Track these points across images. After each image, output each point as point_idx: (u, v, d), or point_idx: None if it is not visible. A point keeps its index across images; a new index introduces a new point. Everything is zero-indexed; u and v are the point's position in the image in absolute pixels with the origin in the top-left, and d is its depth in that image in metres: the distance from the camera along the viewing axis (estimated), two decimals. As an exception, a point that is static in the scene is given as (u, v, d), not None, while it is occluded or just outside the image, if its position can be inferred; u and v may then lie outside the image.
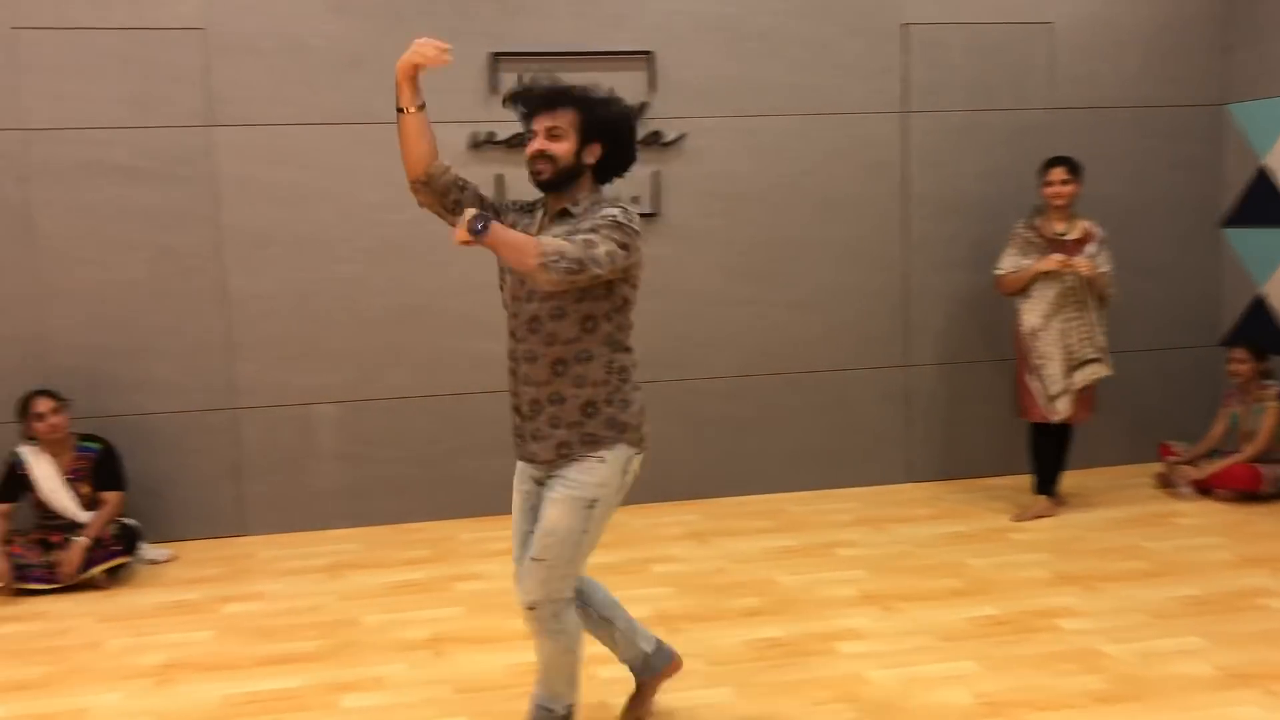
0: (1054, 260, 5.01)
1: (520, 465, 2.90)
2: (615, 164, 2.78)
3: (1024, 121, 5.81)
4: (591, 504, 2.76)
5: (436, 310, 5.38)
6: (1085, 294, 5.07)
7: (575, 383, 2.73)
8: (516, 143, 5.31)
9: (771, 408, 5.75)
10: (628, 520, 5.31)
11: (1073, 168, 5.11)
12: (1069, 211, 5.18)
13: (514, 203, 2.93)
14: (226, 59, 5.09)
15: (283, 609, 4.28)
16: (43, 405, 4.69)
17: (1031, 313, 5.13)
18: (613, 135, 2.73)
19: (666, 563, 4.70)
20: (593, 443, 2.76)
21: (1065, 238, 5.13)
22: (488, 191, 2.92)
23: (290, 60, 5.15)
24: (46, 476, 4.69)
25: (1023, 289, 5.17)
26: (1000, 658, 3.60)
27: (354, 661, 3.74)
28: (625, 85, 5.33)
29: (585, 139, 2.69)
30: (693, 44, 5.49)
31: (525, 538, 2.86)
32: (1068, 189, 5.09)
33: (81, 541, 4.54)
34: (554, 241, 2.54)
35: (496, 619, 4.06)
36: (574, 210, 2.72)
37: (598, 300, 2.70)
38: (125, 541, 4.71)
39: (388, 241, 5.31)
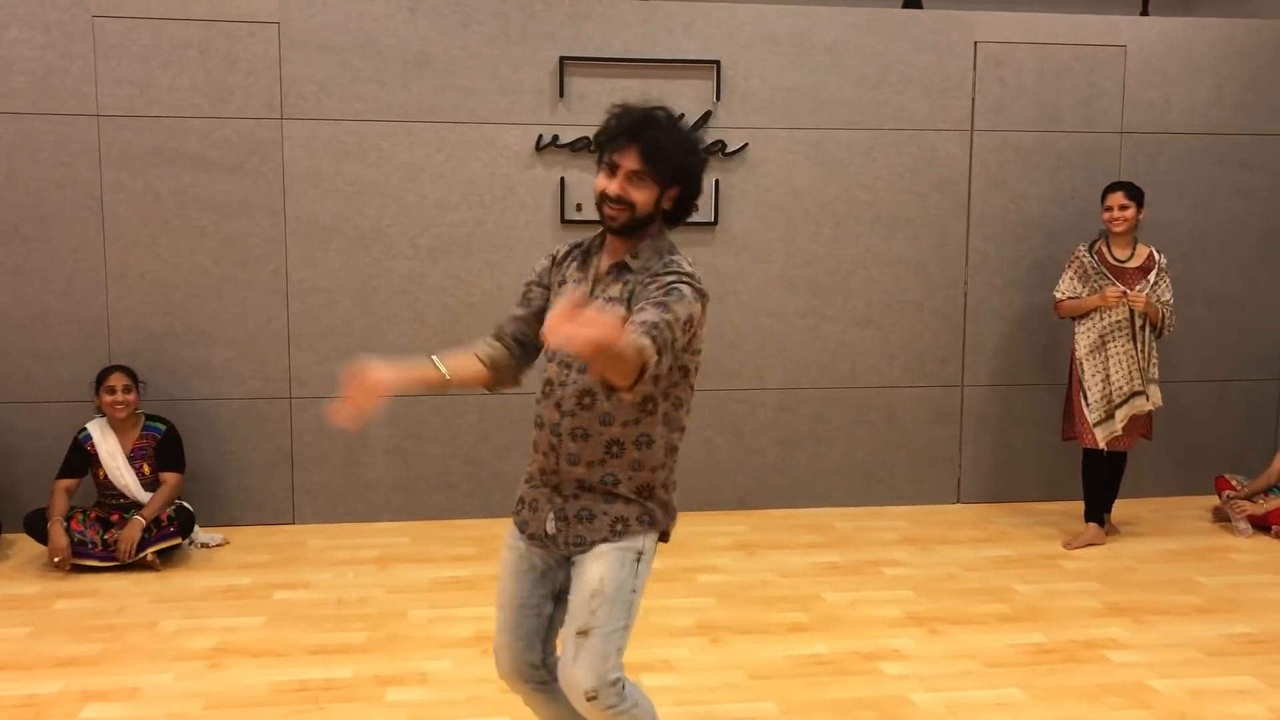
0: (1112, 296, 4.94)
1: (518, 520, 2.53)
2: (686, 208, 2.42)
3: (1092, 145, 5.74)
4: (639, 556, 2.40)
5: (491, 309, 5.40)
6: (1140, 325, 5.00)
7: (633, 466, 2.39)
8: (580, 146, 5.36)
9: (822, 422, 5.73)
10: (675, 529, 5.31)
11: (1133, 193, 5.04)
12: (1130, 237, 5.10)
13: (552, 261, 2.56)
14: (299, 53, 5.17)
15: (331, 599, 4.34)
16: (116, 381, 4.79)
17: (1084, 338, 5.07)
18: (690, 179, 2.38)
19: (712, 573, 4.69)
20: (648, 522, 2.43)
21: (1126, 264, 5.06)
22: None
23: (360, 57, 5.22)
24: (111, 453, 4.78)
25: (1079, 315, 5.11)
26: (1046, 687, 3.56)
27: (400, 655, 3.78)
28: (690, 93, 5.42)
29: (667, 185, 2.34)
30: (759, 55, 5.48)
31: (522, 605, 2.49)
32: (1127, 214, 5.02)
33: (139, 520, 4.63)
34: (642, 349, 2.08)
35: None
36: (632, 264, 2.37)
37: (660, 379, 2.34)
38: (180, 524, 4.79)
39: (446, 239, 5.36)
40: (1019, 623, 4.13)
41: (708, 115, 5.44)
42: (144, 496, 4.77)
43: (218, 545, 5.01)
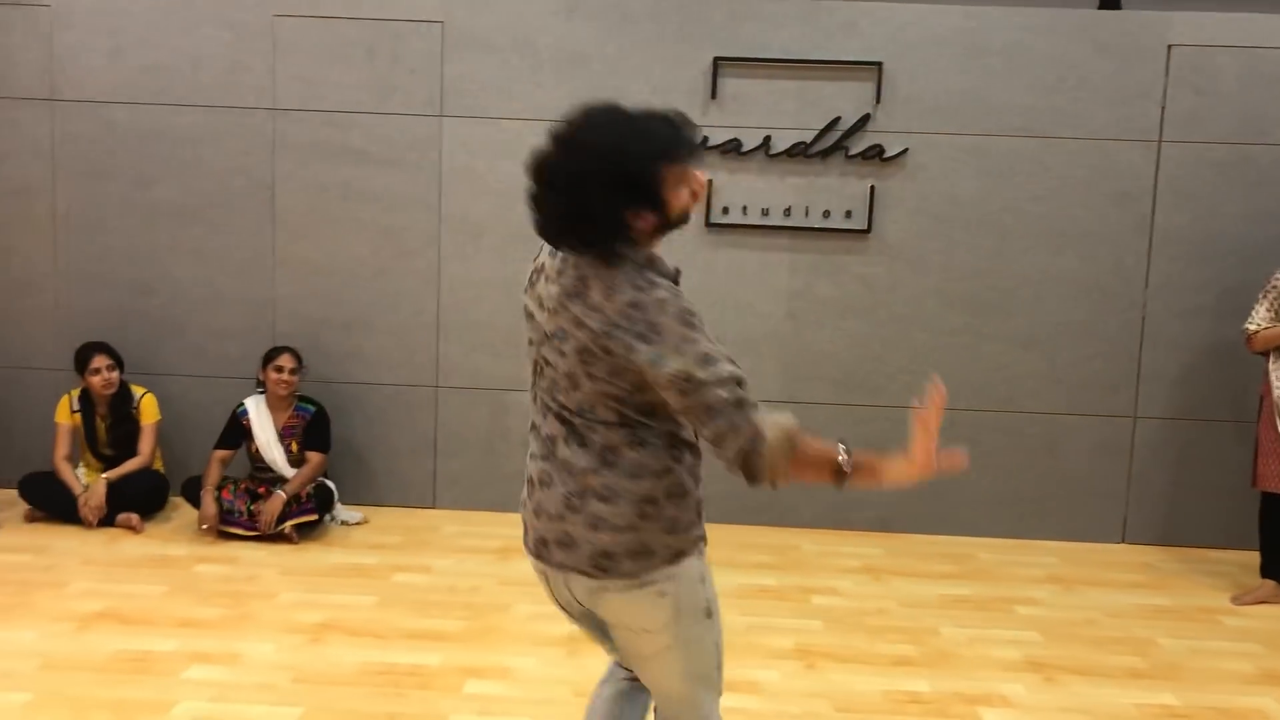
0: (1313, 327, 4.44)
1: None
2: (670, 221, 2.12)
3: (1300, 159, 5.19)
4: (661, 594, 2.13)
5: (635, 310, 5.41)
6: (1346, 362, 4.47)
7: (634, 474, 2.08)
8: (730, 148, 5.27)
9: (974, 446, 5.41)
10: (800, 543, 5.17)
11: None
12: (1336, 265, 4.57)
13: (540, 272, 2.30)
14: (460, 52, 5.31)
15: (445, 585, 4.43)
16: (285, 361, 5.07)
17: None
18: (631, 188, 2.03)
19: (828, 595, 4.52)
20: (644, 554, 2.10)
21: (1328, 295, 4.54)
22: None
23: (518, 56, 5.31)
24: (264, 429, 5.07)
25: (1274, 349, 4.61)
26: (1164, 756, 3.24)
27: (491, 648, 3.82)
28: (848, 96, 5.23)
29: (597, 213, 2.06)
30: (925, 56, 5.23)
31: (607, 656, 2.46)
32: (1336, 239, 4.49)
33: (281, 495, 4.88)
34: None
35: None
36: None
37: (640, 394, 2.06)
38: (320, 501, 5.02)
39: (594, 239, 5.37)
40: (1151, 680, 3.77)
41: (866, 119, 5.24)
42: (289, 472, 5.02)
43: (357, 523, 5.22)
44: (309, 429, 5.11)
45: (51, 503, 5.00)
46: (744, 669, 3.70)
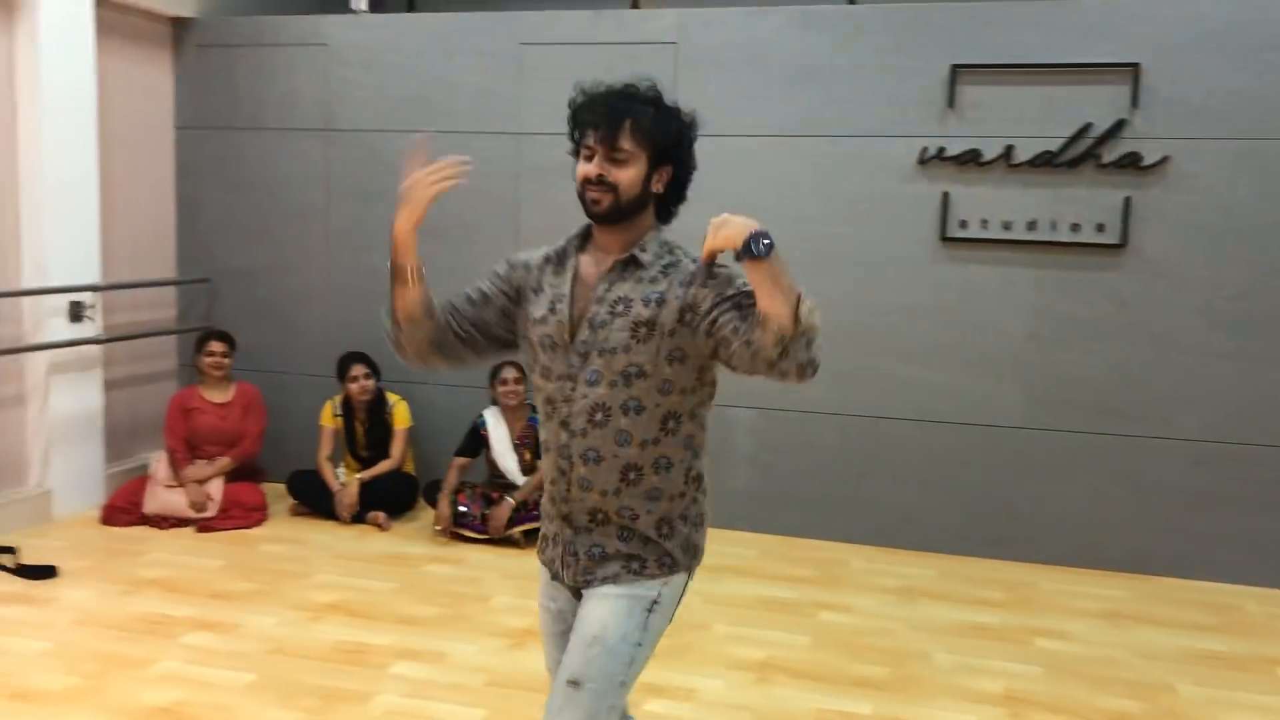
0: None
1: (544, 577, 2.28)
2: (679, 192, 2.19)
3: None
4: (652, 606, 2.12)
5: (860, 327, 5.25)
6: None
7: (651, 496, 2.11)
8: (968, 159, 5.02)
9: (1245, 482, 4.86)
10: (1037, 580, 4.83)
11: None
12: None
13: (521, 261, 2.27)
14: (693, 71, 5.36)
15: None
16: (509, 373, 5.32)
17: None
18: (681, 154, 2.14)
19: (1054, 638, 4.19)
20: (669, 566, 2.14)
21: None
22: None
23: (749, 72, 5.29)
24: (500, 439, 5.32)
25: None
26: None
27: (679, 666, 3.80)
28: (1101, 101, 4.85)
29: (654, 164, 2.11)
30: (1190, 55, 4.76)
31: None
32: None
33: (510, 502, 5.10)
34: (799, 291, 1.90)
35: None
36: (643, 259, 2.10)
37: (686, 394, 2.10)
38: (546, 509, 5.20)
39: (820, 255, 5.27)
40: None
41: (1121, 124, 4.83)
42: (521, 480, 5.24)
43: (583, 533, 5.36)
44: (539, 440, 5.31)
45: (313, 499, 5.47)
46: (940, 712, 3.50)
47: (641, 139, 2.05)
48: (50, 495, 5.25)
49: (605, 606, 2.10)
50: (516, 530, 5.09)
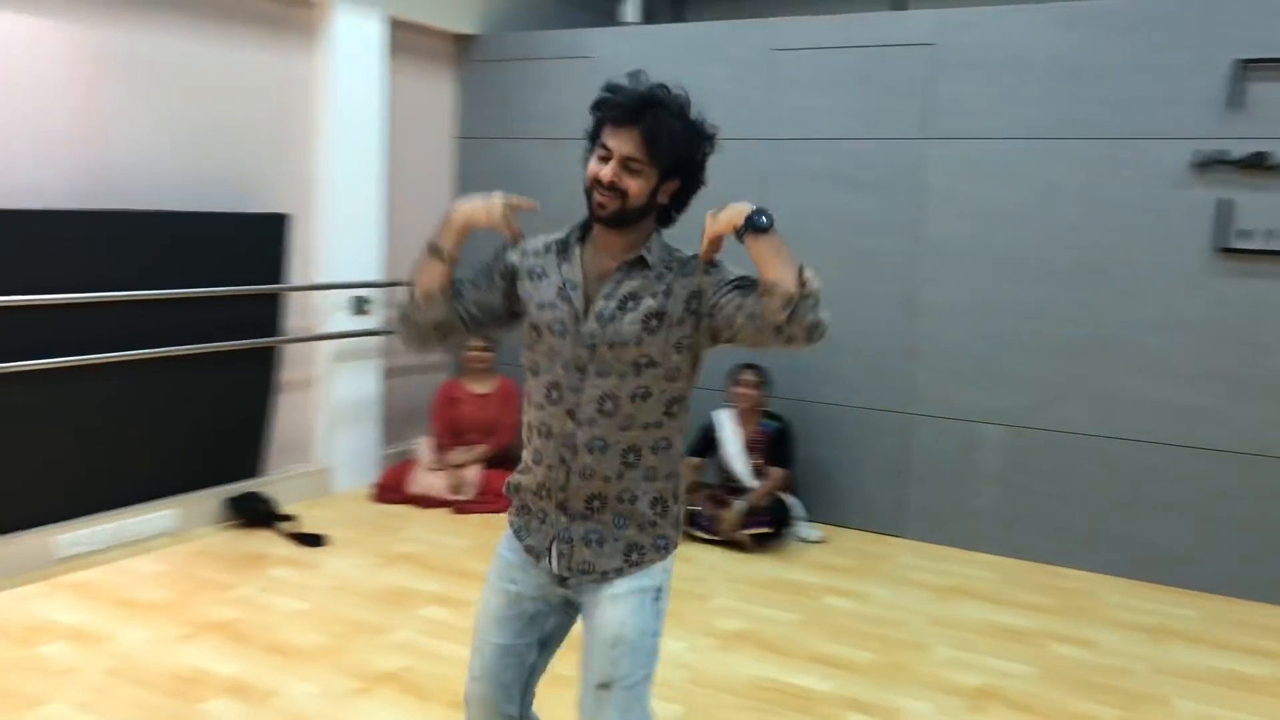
0: None
1: (510, 555, 2.27)
2: (683, 204, 2.21)
3: None
4: (657, 596, 2.19)
5: (1124, 344, 4.89)
6: None
7: (648, 476, 2.16)
8: (1252, 162, 4.57)
9: None
10: (1215, 615, 4.33)
11: None
12: None
13: (516, 247, 2.27)
14: (949, 74, 5.18)
15: (872, 614, 4.37)
16: (748, 375, 5.36)
17: None
18: (692, 171, 2.17)
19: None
20: (664, 547, 2.20)
21: None
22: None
23: (1009, 74, 5.05)
24: (731, 441, 5.36)
25: None
26: None
27: (891, 686, 3.71)
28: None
29: (665, 177, 2.12)
30: None
31: (505, 651, 2.23)
32: None
33: (740, 505, 5.13)
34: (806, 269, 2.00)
35: None
36: (649, 259, 2.14)
37: (687, 379, 2.19)
38: (776, 515, 5.19)
39: (1082, 265, 4.95)
40: None
41: None
42: (752, 484, 5.26)
43: (816, 541, 5.31)
44: (773, 444, 5.32)
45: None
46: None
47: (658, 154, 2.08)
48: (330, 472, 5.80)
49: (618, 607, 2.14)
50: (745, 534, 5.11)
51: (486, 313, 2.25)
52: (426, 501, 5.64)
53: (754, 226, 1.97)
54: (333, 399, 5.78)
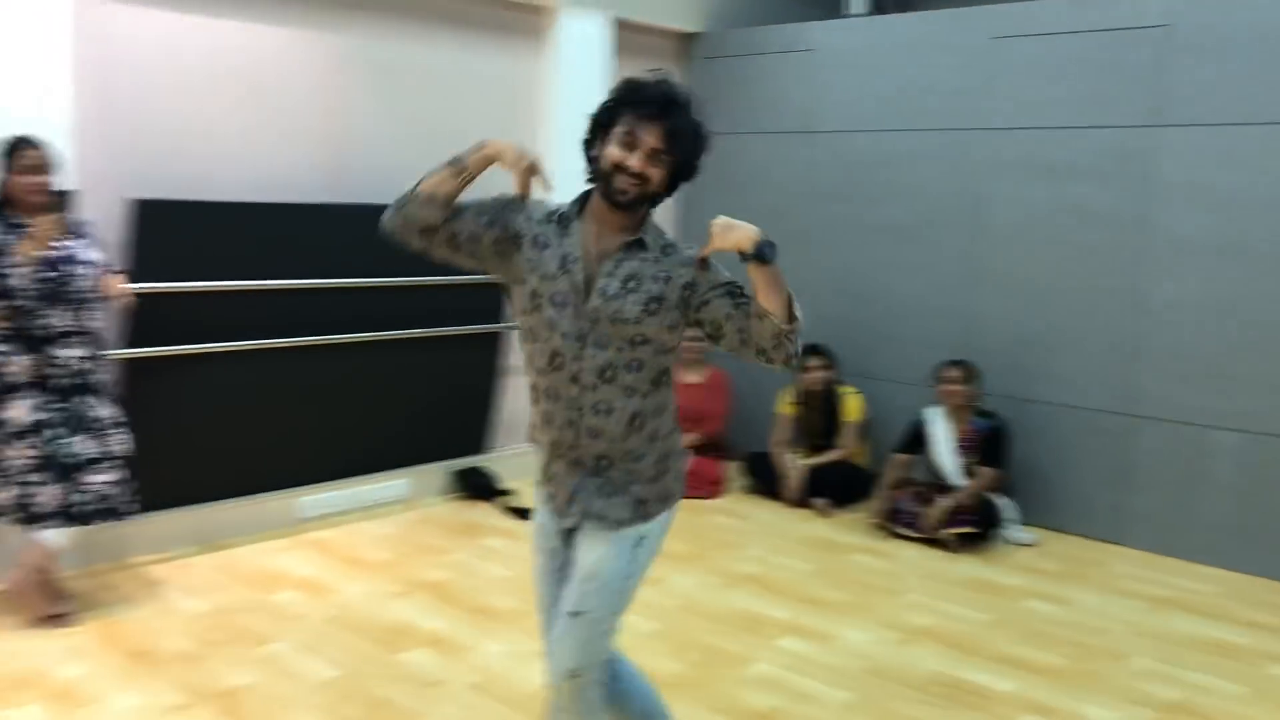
0: None
1: (542, 518, 2.53)
2: (671, 192, 2.38)
3: None
4: (639, 544, 2.40)
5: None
6: None
7: (651, 436, 2.39)
8: None
9: None
10: None
11: None
12: None
13: (521, 205, 2.40)
14: (1185, 57, 4.88)
15: (1073, 620, 4.20)
16: (951, 373, 5.26)
17: None
18: (693, 167, 2.36)
19: None
20: (667, 499, 2.45)
21: None
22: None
23: (1255, 55, 4.70)
24: (941, 439, 5.27)
25: None
26: None
27: (1076, 693, 3.57)
28: None
29: (677, 167, 2.32)
30: None
31: (555, 600, 2.51)
32: None
33: (945, 503, 5.04)
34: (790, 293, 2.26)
35: None
36: (647, 241, 2.34)
37: (674, 352, 2.42)
38: (983, 515, 5.06)
39: (1331, 260, 4.56)
40: None
41: None
42: (960, 482, 5.15)
43: (1027, 544, 5.14)
44: (984, 443, 5.18)
45: (765, 479, 5.80)
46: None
47: (679, 149, 2.28)
48: (549, 452, 6.11)
49: (601, 548, 2.38)
50: (949, 532, 5.02)
51: (469, 242, 2.37)
52: (637, 484, 5.84)
53: (760, 258, 2.18)
54: (553, 383, 6.08)
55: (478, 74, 5.64)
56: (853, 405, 5.74)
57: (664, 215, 6.66)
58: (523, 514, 5.28)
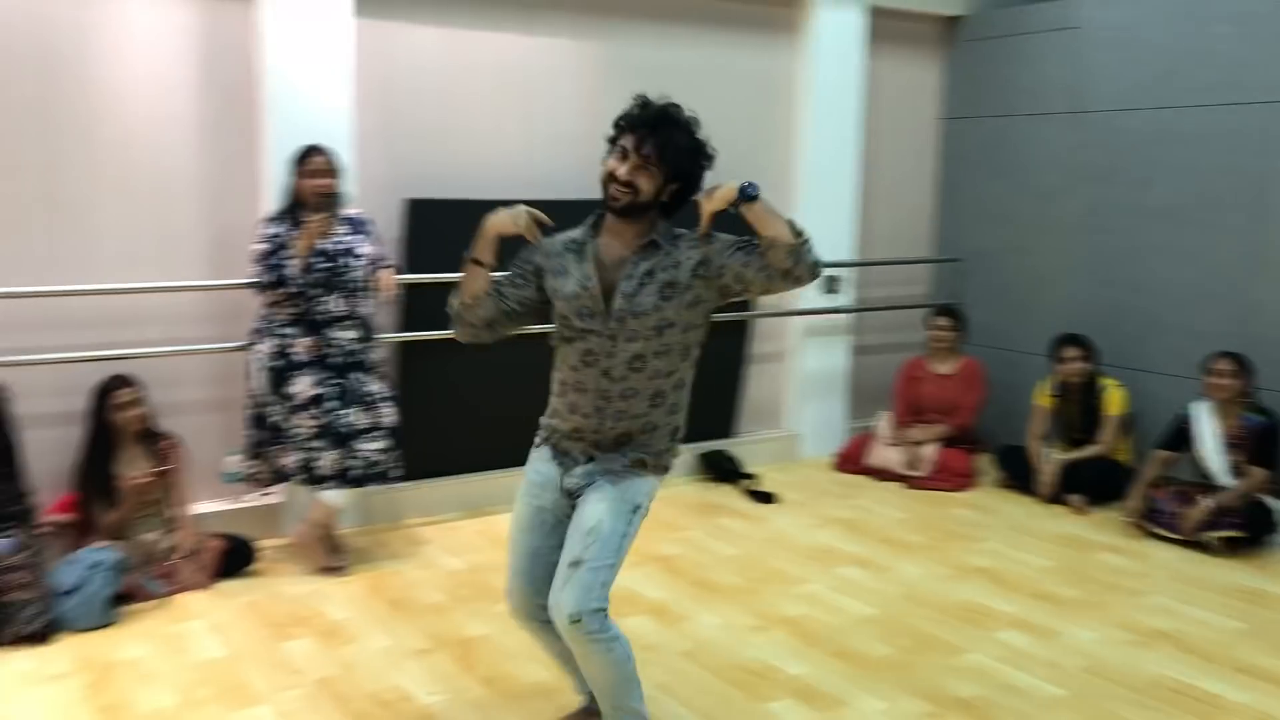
0: None
1: (536, 477, 2.78)
2: (679, 204, 2.68)
3: None
4: (635, 509, 2.67)
5: None
6: None
7: (670, 411, 2.73)
8: None
9: None
10: None
11: None
12: None
13: (541, 248, 2.77)
14: None
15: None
16: (1222, 365, 4.88)
17: None
18: (691, 179, 2.65)
19: None
20: (663, 467, 2.77)
21: None
22: None
23: None
24: (1207, 435, 4.92)
25: None
26: None
27: (1324, 710, 3.31)
28: None
29: (669, 180, 2.61)
30: None
31: (534, 553, 2.77)
32: None
33: (1207, 503, 4.71)
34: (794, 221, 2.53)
35: None
36: (660, 241, 2.64)
37: (700, 329, 2.70)
38: (1253, 518, 4.69)
39: None
40: None
41: None
42: (1227, 482, 4.80)
43: (1303, 553, 4.72)
44: (1256, 441, 4.79)
45: (1019, 473, 5.61)
46: None
47: (667, 160, 2.57)
48: (797, 438, 6.21)
49: (602, 505, 2.63)
50: (1211, 535, 4.69)
51: (525, 306, 2.76)
52: (882, 474, 5.83)
53: (746, 197, 2.47)
54: (803, 371, 6.18)
55: (733, 71, 5.81)
56: (1115, 398, 5.45)
57: (922, 202, 6.60)
58: (763, 497, 5.42)
